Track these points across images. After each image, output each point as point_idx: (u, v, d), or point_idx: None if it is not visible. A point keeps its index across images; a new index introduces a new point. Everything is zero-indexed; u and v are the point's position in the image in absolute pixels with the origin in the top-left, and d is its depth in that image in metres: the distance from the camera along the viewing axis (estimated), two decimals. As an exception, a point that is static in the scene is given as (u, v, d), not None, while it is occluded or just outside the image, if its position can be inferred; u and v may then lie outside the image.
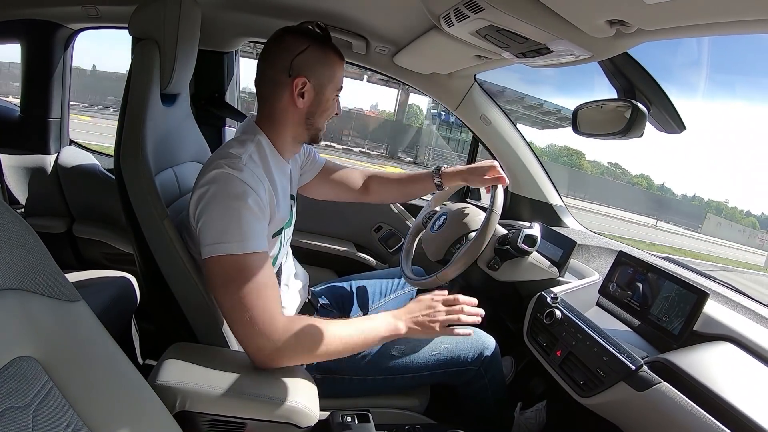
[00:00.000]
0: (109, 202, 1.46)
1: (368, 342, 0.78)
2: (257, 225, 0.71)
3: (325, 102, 0.84)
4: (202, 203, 0.71)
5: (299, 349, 0.72)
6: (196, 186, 0.74)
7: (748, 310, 0.88)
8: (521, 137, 1.50)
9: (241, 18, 1.38)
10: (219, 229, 0.69)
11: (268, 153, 0.82)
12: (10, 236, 0.46)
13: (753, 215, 33.40)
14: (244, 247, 0.69)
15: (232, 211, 0.69)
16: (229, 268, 0.69)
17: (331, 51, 0.83)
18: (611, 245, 1.27)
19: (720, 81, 58.64)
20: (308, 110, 0.83)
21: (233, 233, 0.69)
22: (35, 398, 0.45)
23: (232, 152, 0.75)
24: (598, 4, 0.66)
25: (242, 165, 0.73)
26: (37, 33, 1.43)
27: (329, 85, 0.83)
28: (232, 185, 0.70)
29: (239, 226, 0.69)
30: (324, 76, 0.81)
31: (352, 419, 0.84)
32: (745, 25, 0.61)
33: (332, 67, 0.83)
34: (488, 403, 1.06)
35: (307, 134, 0.86)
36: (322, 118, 0.85)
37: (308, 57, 0.79)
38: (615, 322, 0.92)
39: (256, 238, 0.70)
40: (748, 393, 0.65)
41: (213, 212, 0.70)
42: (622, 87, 0.95)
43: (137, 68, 0.83)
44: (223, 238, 0.69)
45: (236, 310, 0.68)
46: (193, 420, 0.68)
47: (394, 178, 1.20)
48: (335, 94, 0.85)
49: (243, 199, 0.70)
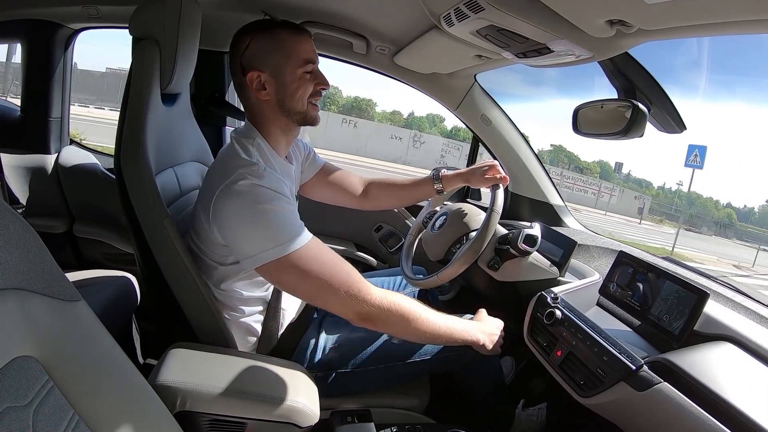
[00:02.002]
0: (110, 201, 1.46)
1: (452, 337, 0.85)
2: (297, 218, 0.75)
3: (291, 83, 0.81)
4: (236, 215, 0.72)
5: (394, 317, 0.77)
6: (218, 194, 0.74)
7: (748, 310, 0.88)
8: (521, 137, 1.50)
9: (242, 18, 1.37)
10: (266, 236, 0.71)
11: (267, 154, 0.84)
12: (11, 236, 0.46)
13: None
14: (300, 240, 0.72)
15: (272, 215, 0.71)
16: (297, 264, 0.72)
17: (280, 31, 0.81)
18: (612, 245, 1.27)
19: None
20: (277, 99, 0.82)
21: (286, 234, 0.71)
22: (36, 398, 0.45)
23: (245, 158, 0.77)
24: (598, 4, 0.66)
25: (261, 171, 0.75)
26: (37, 33, 1.43)
27: (287, 65, 0.80)
28: (262, 194, 0.72)
29: (284, 227, 0.72)
30: (277, 59, 0.80)
31: (353, 419, 0.84)
32: (746, 26, 0.61)
33: (284, 46, 0.80)
34: (489, 402, 1.06)
35: (291, 120, 0.85)
36: (294, 99, 0.82)
37: (253, 49, 0.81)
38: (615, 322, 0.92)
39: (303, 229, 0.74)
40: (749, 393, 0.65)
41: (252, 222, 0.71)
42: (622, 87, 0.95)
43: (137, 68, 0.83)
44: (277, 240, 0.71)
45: (330, 293, 0.73)
46: (193, 420, 0.68)
47: (394, 183, 1.20)
48: (302, 70, 0.81)
49: (276, 201, 0.72)
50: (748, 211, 24.49)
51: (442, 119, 29.49)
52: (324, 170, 1.14)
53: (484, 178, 1.06)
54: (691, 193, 24.11)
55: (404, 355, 0.96)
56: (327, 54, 1.44)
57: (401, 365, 0.96)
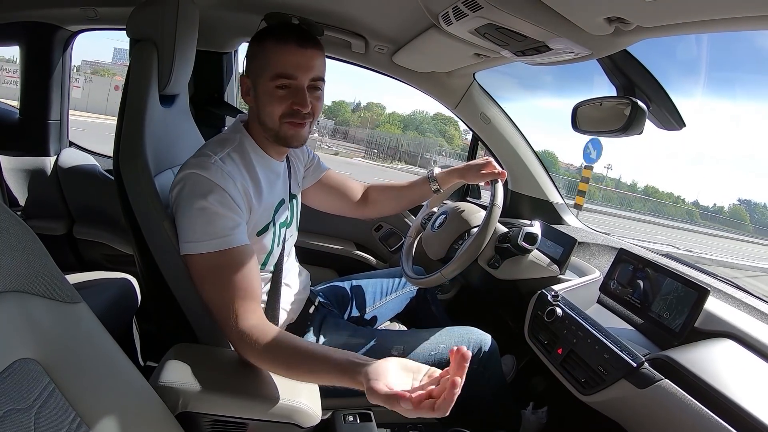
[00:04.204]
0: (110, 203, 1.45)
1: (315, 371, 0.66)
2: (224, 222, 0.72)
3: (262, 95, 0.77)
4: (174, 203, 0.74)
5: (258, 355, 0.68)
6: (171, 185, 0.76)
7: (749, 307, 0.88)
8: (521, 135, 1.50)
9: (240, 18, 1.37)
10: (187, 229, 0.72)
11: (250, 151, 0.82)
12: (11, 239, 0.46)
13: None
14: (205, 246, 0.71)
15: (196, 211, 0.71)
16: (200, 267, 0.72)
17: (269, 39, 0.77)
18: (612, 242, 1.27)
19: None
20: (258, 108, 0.80)
21: (200, 232, 0.71)
22: (37, 400, 0.45)
23: (206, 151, 0.77)
24: (597, 2, 0.66)
25: (210, 163, 0.73)
26: (36, 35, 1.43)
27: (262, 76, 0.77)
28: (197, 185, 0.72)
29: (204, 225, 0.71)
30: (256, 68, 0.78)
31: (354, 419, 0.84)
32: (744, 22, 0.61)
33: (266, 55, 0.76)
34: (489, 400, 1.06)
35: (269, 135, 0.81)
36: (265, 114, 0.78)
37: (248, 53, 0.81)
38: (616, 320, 0.92)
39: (223, 236, 0.71)
40: (750, 390, 0.65)
41: (182, 212, 0.72)
42: (621, 84, 0.94)
43: (135, 70, 0.83)
44: (192, 237, 0.71)
45: (213, 306, 0.72)
46: (195, 421, 0.68)
47: (392, 186, 1.19)
48: (274, 84, 0.76)
49: (206, 197, 0.71)
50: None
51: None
52: (327, 177, 1.12)
53: (480, 174, 1.04)
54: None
55: None
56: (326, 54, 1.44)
57: None
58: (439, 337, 1.00)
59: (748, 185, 52.62)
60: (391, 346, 0.97)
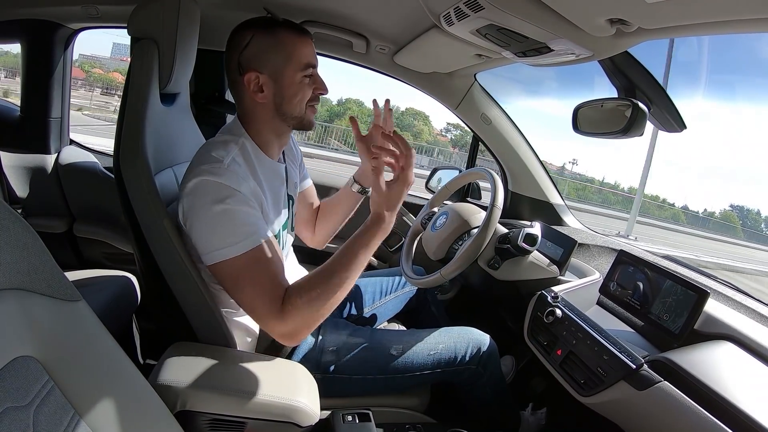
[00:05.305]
0: (110, 201, 1.45)
1: (368, 250, 0.76)
2: (249, 219, 0.72)
3: (289, 87, 0.78)
4: (190, 213, 0.72)
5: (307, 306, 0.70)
6: (182, 191, 0.74)
7: (748, 309, 0.88)
8: (522, 136, 1.50)
9: (241, 17, 1.37)
10: (210, 236, 0.71)
11: (252, 154, 0.81)
12: (11, 236, 0.46)
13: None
14: (238, 248, 0.70)
15: (218, 215, 0.70)
16: (234, 269, 0.71)
17: (283, 31, 0.78)
18: (612, 244, 1.27)
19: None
20: (274, 102, 0.79)
21: (228, 235, 0.70)
22: (36, 398, 0.45)
23: (214, 155, 0.74)
24: (598, 3, 0.66)
25: (223, 168, 0.72)
26: (37, 33, 1.43)
27: (288, 68, 0.78)
28: (213, 192, 0.71)
29: (231, 228, 0.70)
30: (277, 60, 0.77)
31: (353, 418, 0.84)
32: (745, 24, 0.61)
33: (285, 47, 0.77)
34: (489, 401, 1.06)
35: (287, 125, 0.83)
36: (292, 104, 0.80)
37: (254, 48, 0.77)
38: (615, 321, 0.92)
39: (252, 234, 0.71)
40: (749, 392, 0.65)
41: (201, 220, 0.71)
42: (622, 86, 0.95)
43: (136, 68, 0.83)
44: (219, 243, 0.70)
45: (255, 303, 0.71)
46: (193, 419, 0.68)
47: (326, 204, 1.15)
48: (302, 74, 0.79)
49: (225, 201, 0.70)
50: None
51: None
52: (308, 190, 1.10)
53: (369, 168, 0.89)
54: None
55: (404, 368, 0.96)
56: (327, 53, 1.44)
57: (400, 377, 0.96)
58: (438, 338, 1.01)
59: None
60: (390, 345, 0.97)
